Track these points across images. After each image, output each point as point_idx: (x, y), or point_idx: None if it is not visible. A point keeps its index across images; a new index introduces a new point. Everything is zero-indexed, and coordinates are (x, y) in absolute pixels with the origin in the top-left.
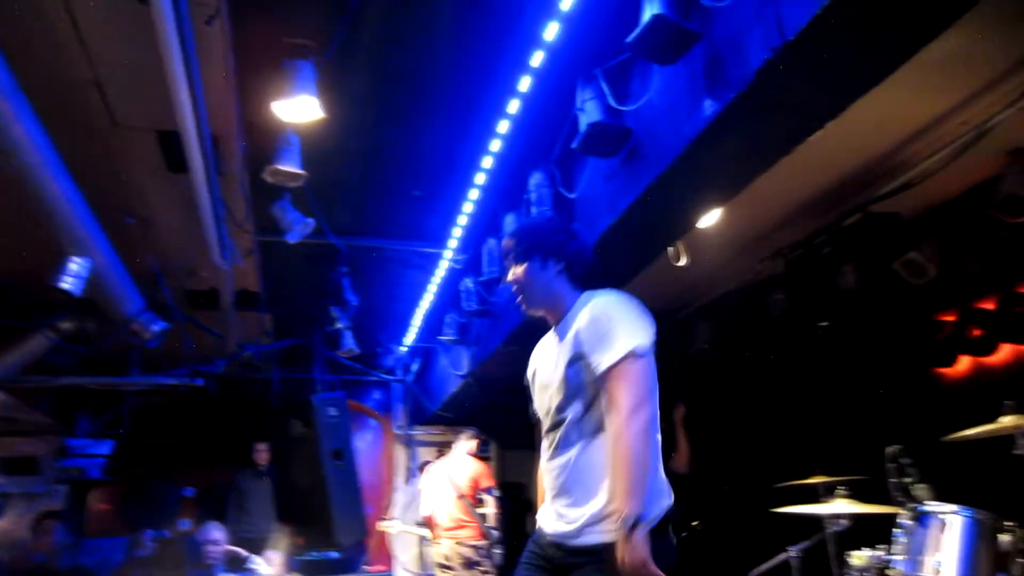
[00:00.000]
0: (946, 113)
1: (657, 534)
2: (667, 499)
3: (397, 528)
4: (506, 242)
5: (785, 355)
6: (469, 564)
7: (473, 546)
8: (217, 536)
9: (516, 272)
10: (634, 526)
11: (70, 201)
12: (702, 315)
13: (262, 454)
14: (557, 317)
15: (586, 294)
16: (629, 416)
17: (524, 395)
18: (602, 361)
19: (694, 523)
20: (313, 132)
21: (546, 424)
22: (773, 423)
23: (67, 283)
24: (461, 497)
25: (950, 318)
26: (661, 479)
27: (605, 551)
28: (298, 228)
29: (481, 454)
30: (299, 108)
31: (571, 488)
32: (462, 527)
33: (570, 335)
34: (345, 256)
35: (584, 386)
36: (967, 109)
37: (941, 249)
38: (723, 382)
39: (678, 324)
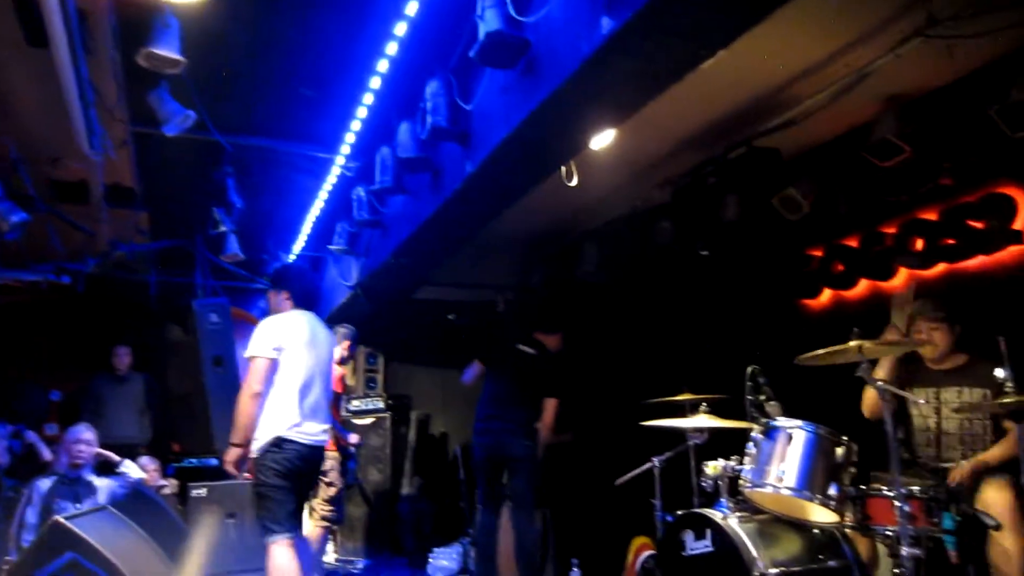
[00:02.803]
0: (832, 54)
1: (258, 460)
2: (270, 439)
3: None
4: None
5: (668, 281)
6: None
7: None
8: (88, 436)
9: (269, 292)
10: (231, 446)
11: None
12: (591, 238)
13: (122, 358)
14: None
15: None
16: (244, 388)
17: (412, 310)
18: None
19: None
20: (195, 16)
21: None
22: (650, 344)
23: None
24: None
25: (817, 253)
26: (267, 430)
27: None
28: (177, 120)
29: (369, 365)
30: None
31: None
32: None
33: None
34: (230, 155)
35: None
36: (852, 52)
37: (815, 187)
38: (607, 304)
39: (567, 246)
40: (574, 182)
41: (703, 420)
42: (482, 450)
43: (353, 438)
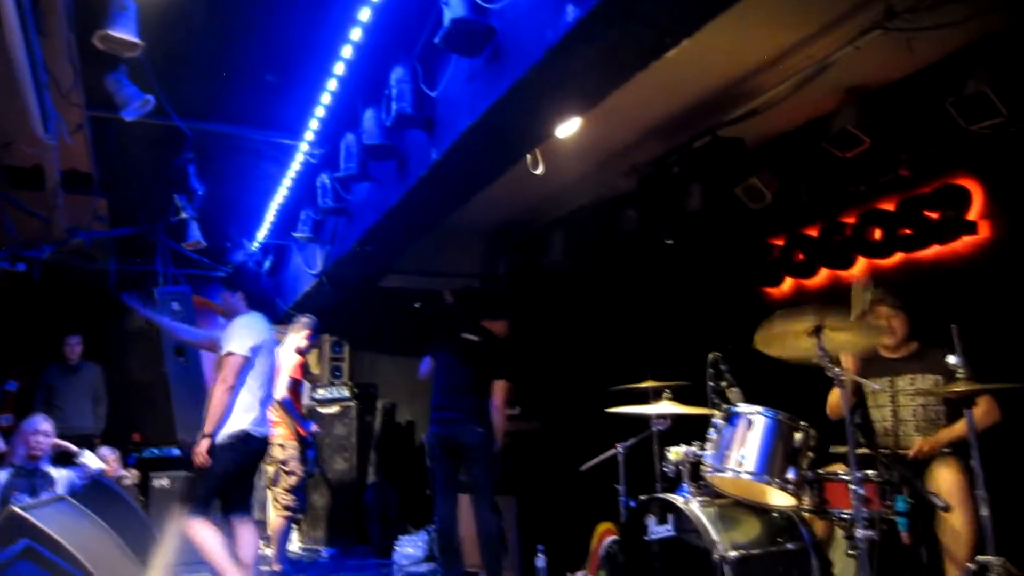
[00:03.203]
0: (794, 46)
1: (220, 447)
2: (236, 432)
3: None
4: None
5: (633, 269)
6: (279, 462)
7: (280, 445)
8: (46, 427)
9: (223, 294)
10: (203, 437)
11: None
12: (557, 227)
13: (73, 347)
14: None
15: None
16: (219, 383)
17: (378, 298)
18: (221, 352)
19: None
20: None
21: None
22: (615, 331)
23: None
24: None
25: (779, 242)
26: (234, 423)
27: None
28: (135, 105)
29: (334, 354)
30: None
31: None
32: (275, 426)
33: None
34: (191, 141)
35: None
36: (813, 44)
37: (777, 177)
38: (573, 292)
39: (533, 235)
40: (540, 170)
41: (666, 407)
42: (437, 439)
43: (312, 427)
